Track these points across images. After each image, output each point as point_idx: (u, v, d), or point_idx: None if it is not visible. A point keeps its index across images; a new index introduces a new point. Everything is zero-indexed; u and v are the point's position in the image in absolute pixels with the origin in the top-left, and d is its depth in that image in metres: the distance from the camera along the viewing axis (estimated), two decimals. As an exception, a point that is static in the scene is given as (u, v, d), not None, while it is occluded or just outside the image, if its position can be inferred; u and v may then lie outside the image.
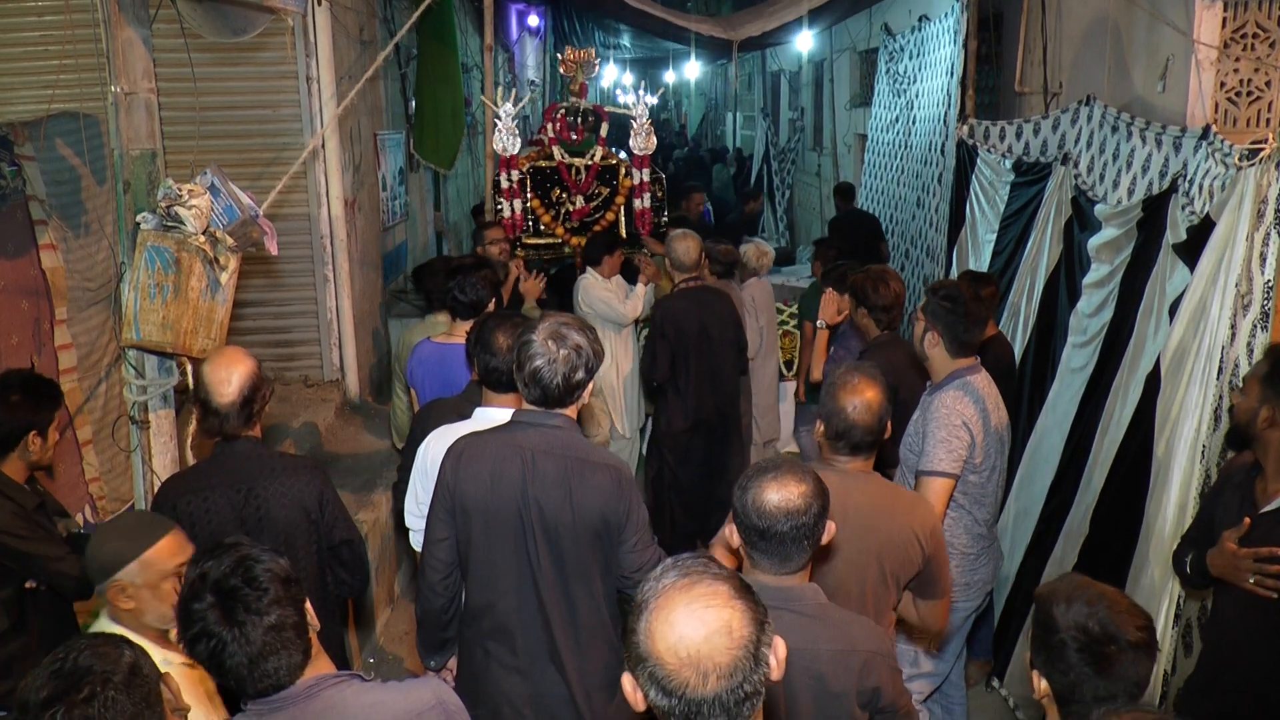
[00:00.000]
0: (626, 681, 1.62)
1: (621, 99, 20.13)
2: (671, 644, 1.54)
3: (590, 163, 7.07)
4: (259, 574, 2.04)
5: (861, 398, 2.95)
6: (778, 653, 1.61)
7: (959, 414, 3.58)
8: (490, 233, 6.28)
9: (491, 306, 4.46)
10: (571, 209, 7.11)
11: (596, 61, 7.23)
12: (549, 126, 7.12)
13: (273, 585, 2.04)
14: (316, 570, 3.24)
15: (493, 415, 3.36)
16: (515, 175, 6.81)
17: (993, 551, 3.81)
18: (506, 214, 6.85)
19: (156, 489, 3.57)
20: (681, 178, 15.37)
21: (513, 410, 3.29)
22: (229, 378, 3.10)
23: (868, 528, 2.90)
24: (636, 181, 7.09)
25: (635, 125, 6.94)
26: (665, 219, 7.29)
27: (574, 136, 7.12)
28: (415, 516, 3.55)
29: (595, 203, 7.17)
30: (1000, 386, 3.92)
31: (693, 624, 1.55)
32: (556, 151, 7.05)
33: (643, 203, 7.11)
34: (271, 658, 2.01)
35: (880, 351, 4.52)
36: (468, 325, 4.31)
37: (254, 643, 1.99)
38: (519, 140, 6.79)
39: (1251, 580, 2.88)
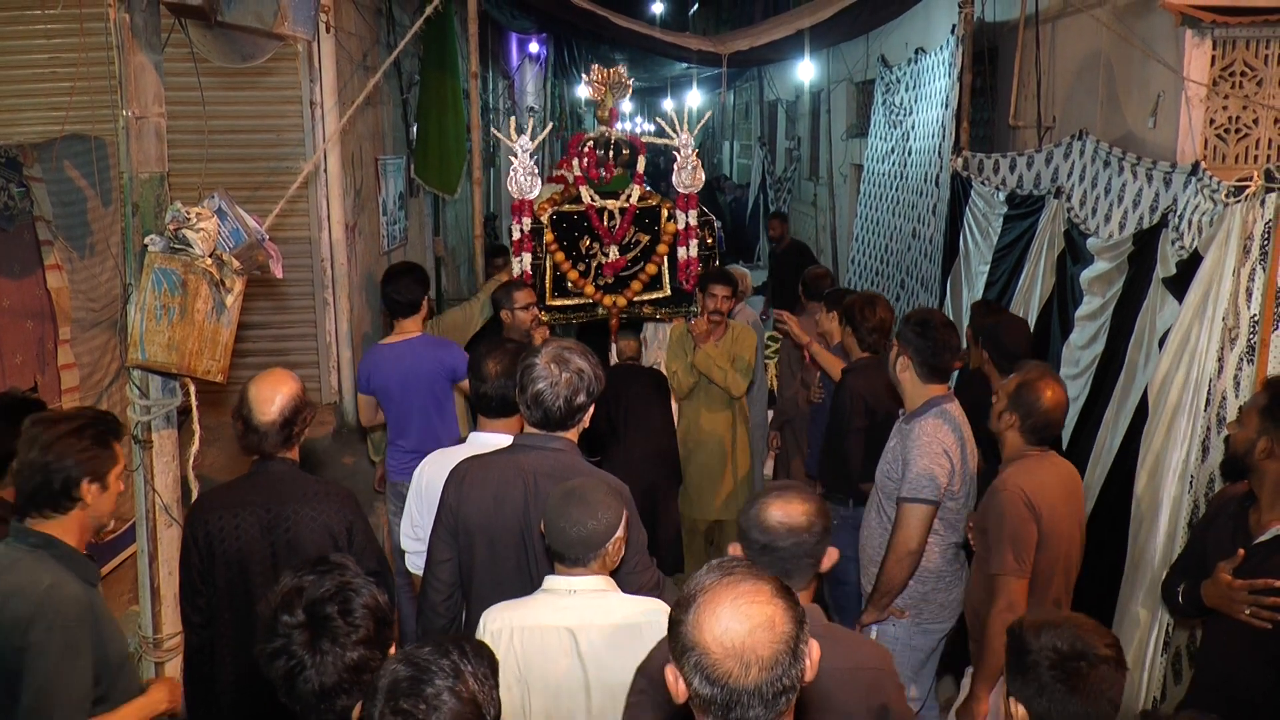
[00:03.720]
0: (669, 672, 1.70)
1: (636, 127, 20.18)
2: (718, 635, 1.63)
3: (626, 205, 5.86)
4: (355, 607, 1.97)
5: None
6: (812, 654, 1.69)
7: (939, 442, 3.63)
8: (519, 294, 5.21)
9: (425, 306, 4.91)
10: (604, 261, 5.90)
11: (629, 83, 6.02)
12: (575, 162, 5.89)
13: (366, 623, 1.96)
14: None
15: (486, 440, 3.42)
16: (529, 224, 5.72)
17: (964, 574, 3.86)
18: (516, 270, 5.78)
19: (192, 502, 3.59)
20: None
21: (504, 434, 3.36)
22: (272, 397, 3.12)
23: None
24: (681, 226, 5.90)
25: (679, 158, 5.84)
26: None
27: (604, 174, 5.95)
28: (411, 539, 3.59)
29: (632, 253, 5.94)
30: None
31: (739, 617, 1.63)
32: (584, 193, 5.82)
33: (688, 251, 5.92)
34: (343, 696, 1.94)
35: (861, 373, 4.71)
36: (408, 321, 4.85)
37: (330, 676, 1.92)
38: (539, 181, 5.70)
39: (1247, 611, 2.91)
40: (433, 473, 3.46)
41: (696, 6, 23.56)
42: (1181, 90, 4.90)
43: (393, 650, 2.04)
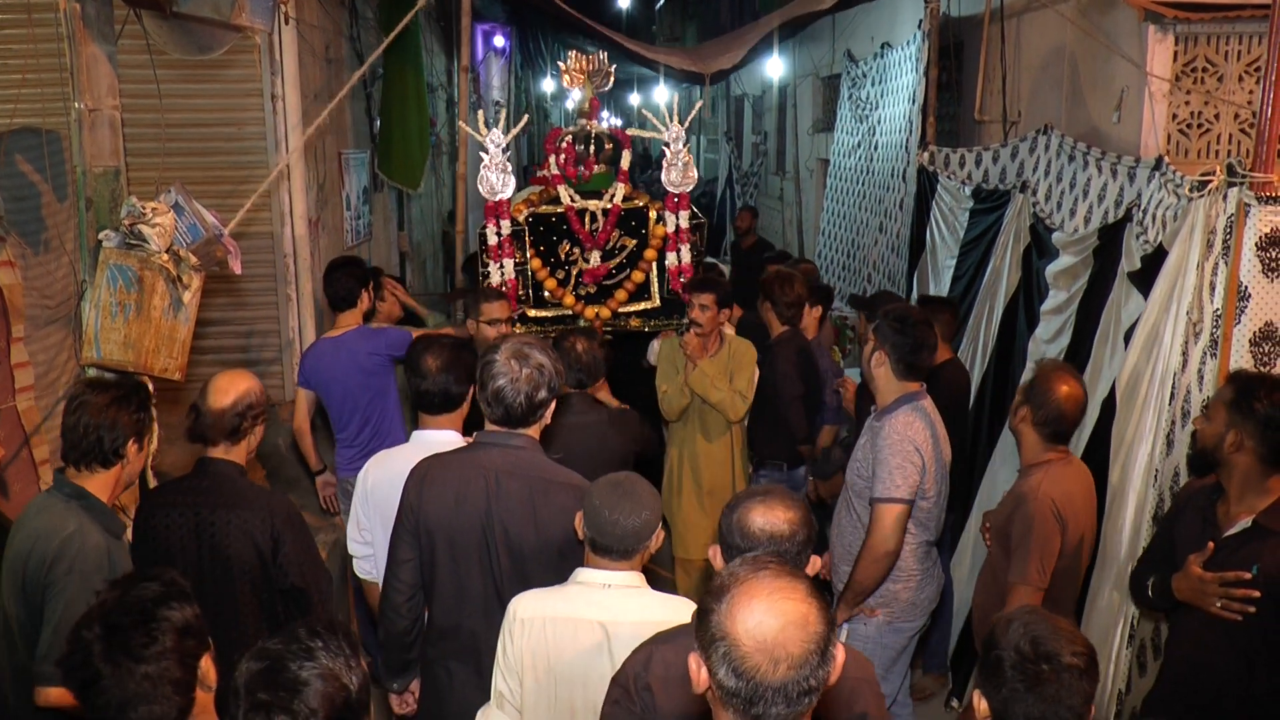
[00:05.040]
0: (692, 660, 1.69)
1: (602, 123, 20.18)
2: (750, 628, 1.61)
3: (609, 205, 5.29)
4: (157, 618, 1.99)
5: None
6: (838, 657, 1.67)
7: (910, 440, 3.59)
8: (489, 306, 4.74)
9: (364, 299, 4.96)
10: (585, 269, 5.34)
11: (612, 70, 5.51)
12: (552, 159, 5.33)
13: (165, 635, 1.98)
14: (265, 609, 3.16)
15: (429, 437, 3.42)
16: (508, 226, 5.15)
17: (935, 572, 3.85)
18: (496, 279, 5.18)
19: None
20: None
21: (448, 430, 3.38)
22: (228, 389, 3.14)
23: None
24: (671, 229, 5.33)
25: (669, 154, 5.25)
26: None
27: (584, 171, 5.38)
28: (358, 543, 3.53)
29: (617, 259, 5.37)
30: (953, 412, 3.98)
31: (773, 612, 1.62)
32: (563, 192, 5.28)
33: (679, 258, 5.36)
34: (141, 706, 1.96)
35: (788, 343, 5.22)
36: (345, 315, 4.92)
37: (126, 688, 1.94)
38: (512, 179, 5.11)
39: (1218, 604, 2.92)
40: (378, 475, 3.43)
41: (663, 2, 23.53)
42: (1145, 86, 4.93)
43: (206, 660, 2.07)
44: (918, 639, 3.94)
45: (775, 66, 12.40)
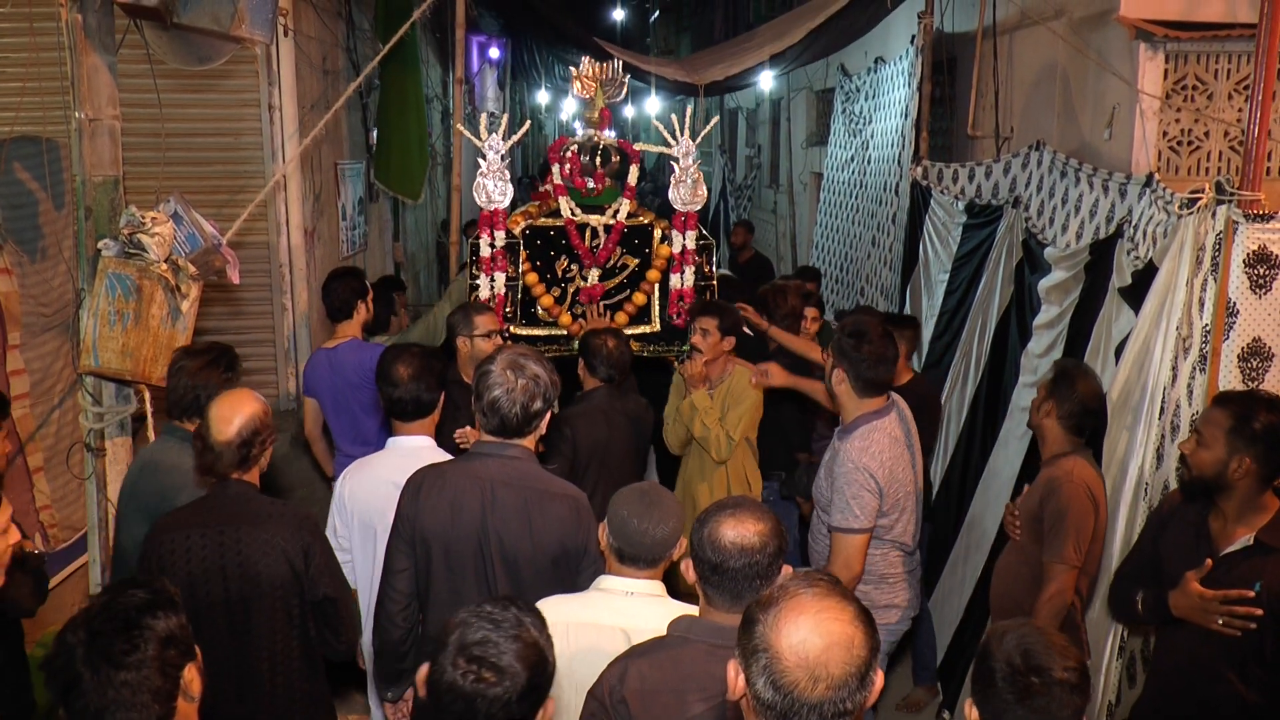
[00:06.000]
0: (731, 666, 1.71)
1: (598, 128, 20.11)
2: (794, 644, 1.63)
3: (612, 221, 5.03)
4: (141, 625, 1.99)
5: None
6: (876, 683, 1.68)
7: (864, 468, 3.52)
8: (480, 319, 4.54)
9: (361, 310, 4.92)
10: (583, 287, 5.07)
11: (624, 80, 5.31)
12: (556, 169, 5.06)
13: (147, 643, 1.99)
14: (296, 624, 3.08)
15: (403, 444, 3.49)
16: (502, 238, 4.93)
17: (911, 580, 3.84)
18: (484, 293, 4.97)
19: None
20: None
21: (421, 436, 3.48)
22: (231, 417, 3.01)
23: None
24: (678, 250, 5.06)
25: (678, 170, 5.04)
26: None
27: (591, 184, 5.07)
28: (336, 551, 3.54)
29: (617, 279, 5.10)
30: (921, 427, 3.98)
31: (819, 631, 1.64)
32: (564, 205, 5.00)
33: (683, 280, 5.11)
34: (119, 713, 1.96)
35: (781, 355, 5.12)
36: (342, 326, 4.92)
37: (105, 694, 1.95)
38: (509, 188, 4.93)
39: (1220, 621, 2.93)
40: (355, 483, 3.48)
41: (657, 14, 23.64)
42: (1136, 103, 4.98)
43: (190, 670, 2.06)
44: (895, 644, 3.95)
45: (768, 81, 12.47)
